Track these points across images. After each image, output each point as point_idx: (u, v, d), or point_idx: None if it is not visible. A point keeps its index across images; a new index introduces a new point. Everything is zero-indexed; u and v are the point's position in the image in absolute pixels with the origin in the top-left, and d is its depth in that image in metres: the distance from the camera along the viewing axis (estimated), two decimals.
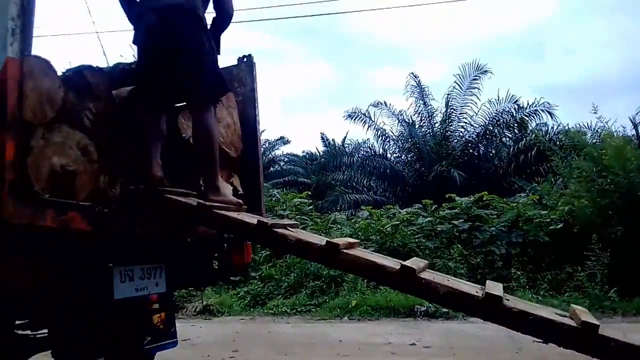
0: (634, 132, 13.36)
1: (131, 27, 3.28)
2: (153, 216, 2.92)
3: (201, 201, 3.01)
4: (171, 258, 3.21)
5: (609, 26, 35.12)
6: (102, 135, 2.84)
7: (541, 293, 7.80)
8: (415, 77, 15.99)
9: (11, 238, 2.11)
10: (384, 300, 7.68)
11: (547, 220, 9.34)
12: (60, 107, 2.56)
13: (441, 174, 14.21)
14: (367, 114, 16.77)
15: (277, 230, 2.88)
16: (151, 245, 3.05)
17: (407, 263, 2.59)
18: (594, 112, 10.03)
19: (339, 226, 10.83)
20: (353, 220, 11.11)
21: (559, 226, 9.10)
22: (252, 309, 8.40)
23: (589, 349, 2.23)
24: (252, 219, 2.98)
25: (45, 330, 3.65)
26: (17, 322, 3.43)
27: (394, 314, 7.43)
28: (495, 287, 2.55)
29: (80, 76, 2.83)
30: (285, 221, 3.28)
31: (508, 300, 2.47)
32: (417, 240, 9.68)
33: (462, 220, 9.96)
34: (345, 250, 2.74)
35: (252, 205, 3.79)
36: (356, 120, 16.95)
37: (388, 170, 16.13)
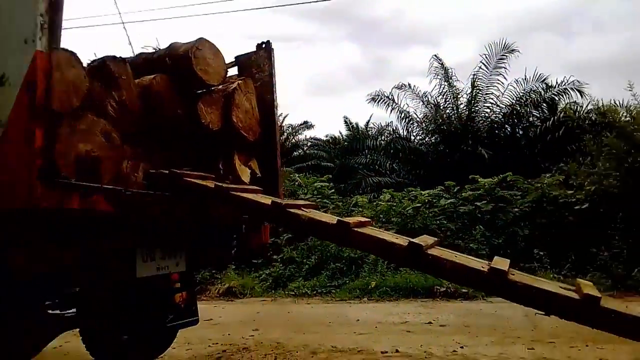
0: None
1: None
2: (173, 198, 3.07)
3: (218, 183, 3.16)
4: (191, 239, 3.37)
5: None
6: (125, 122, 2.99)
7: (563, 273, 7.76)
8: (439, 59, 15.82)
9: (40, 221, 2.26)
10: (403, 281, 7.78)
11: (573, 200, 9.22)
12: (86, 97, 2.72)
13: (466, 155, 14.11)
14: (390, 97, 16.66)
15: (290, 210, 3.00)
16: (172, 227, 3.21)
17: (416, 240, 2.68)
18: (630, 89, 9.69)
19: (360, 209, 10.91)
20: (375, 203, 11.17)
21: (584, 206, 8.98)
22: (273, 291, 8.64)
23: (590, 321, 2.29)
24: (267, 200, 3.11)
25: (74, 310, 3.88)
26: (47, 302, 3.67)
27: (413, 294, 7.53)
28: (501, 262, 2.62)
29: (104, 67, 2.98)
30: (300, 202, 3.39)
31: (513, 274, 2.54)
32: (438, 221, 9.71)
33: (485, 201, 9.93)
34: (356, 229, 2.84)
35: (270, 187, 3.92)
36: (379, 103, 16.84)
37: (411, 153, 16.08)
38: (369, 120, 20.81)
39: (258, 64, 4.33)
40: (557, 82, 14.88)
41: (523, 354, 4.06)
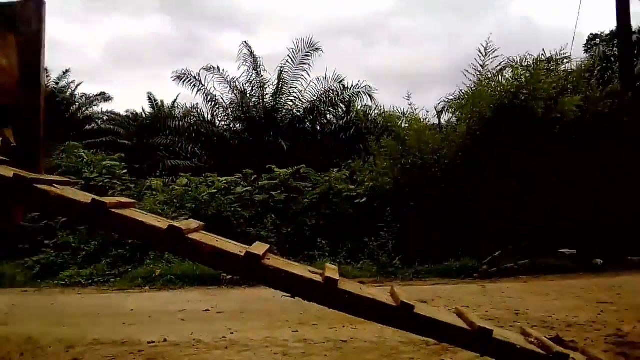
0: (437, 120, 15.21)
1: None
2: None
3: None
4: None
5: (437, 23, 39.59)
6: None
7: (338, 261, 8.52)
8: (249, 46, 15.95)
9: None
10: (190, 269, 7.63)
11: (354, 194, 10.21)
12: None
13: (267, 145, 14.54)
14: (198, 78, 16.21)
15: (38, 186, 2.64)
16: None
17: (177, 223, 2.60)
18: (408, 99, 11.18)
19: (154, 193, 10.41)
20: (170, 187, 10.75)
21: (363, 200, 10.02)
22: (40, 281, 7.71)
23: (328, 302, 2.51)
24: (8, 172, 2.68)
25: None
26: None
27: (200, 282, 7.45)
28: (259, 247, 2.70)
29: None
30: (54, 177, 3.02)
31: (269, 259, 2.64)
32: (233, 209, 9.79)
33: (280, 191, 10.36)
34: (114, 210, 2.63)
35: (29, 160, 3.43)
36: (186, 83, 16.26)
37: (215, 138, 15.91)
38: (175, 100, 20.06)
39: (24, 17, 3.75)
40: (352, 85, 16.24)
41: (287, 337, 4.31)
